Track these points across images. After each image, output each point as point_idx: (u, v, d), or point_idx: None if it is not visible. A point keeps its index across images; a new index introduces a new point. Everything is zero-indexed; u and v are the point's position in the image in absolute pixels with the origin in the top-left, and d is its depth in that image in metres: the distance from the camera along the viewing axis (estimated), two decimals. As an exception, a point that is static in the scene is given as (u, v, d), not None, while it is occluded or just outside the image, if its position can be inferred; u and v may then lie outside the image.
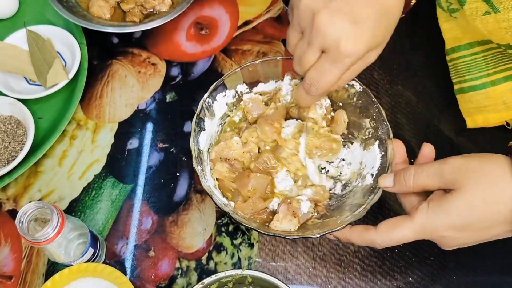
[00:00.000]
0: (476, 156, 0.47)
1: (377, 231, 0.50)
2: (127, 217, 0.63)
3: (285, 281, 0.59)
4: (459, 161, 0.47)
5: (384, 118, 0.57)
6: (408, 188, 0.50)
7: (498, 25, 0.54)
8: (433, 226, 0.47)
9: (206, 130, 0.58)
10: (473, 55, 0.64)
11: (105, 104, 0.71)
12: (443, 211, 0.46)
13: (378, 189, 0.53)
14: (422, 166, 0.49)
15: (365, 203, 0.53)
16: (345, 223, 0.52)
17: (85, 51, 0.71)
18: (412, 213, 0.48)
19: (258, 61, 0.60)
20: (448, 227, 0.46)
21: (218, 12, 0.79)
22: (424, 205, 0.48)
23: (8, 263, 0.60)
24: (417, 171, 0.49)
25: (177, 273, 0.60)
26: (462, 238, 0.47)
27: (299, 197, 0.57)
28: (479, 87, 0.63)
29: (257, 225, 0.54)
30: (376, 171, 0.56)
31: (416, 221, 0.48)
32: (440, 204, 0.47)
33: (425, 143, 0.53)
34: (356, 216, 0.52)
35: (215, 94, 0.60)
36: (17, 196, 0.64)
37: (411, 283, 0.59)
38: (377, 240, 0.49)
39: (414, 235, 0.48)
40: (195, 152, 0.55)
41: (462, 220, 0.46)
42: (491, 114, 0.64)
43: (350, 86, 0.59)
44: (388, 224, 0.49)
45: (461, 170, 0.46)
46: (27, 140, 0.64)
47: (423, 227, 0.47)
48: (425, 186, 0.49)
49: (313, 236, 0.51)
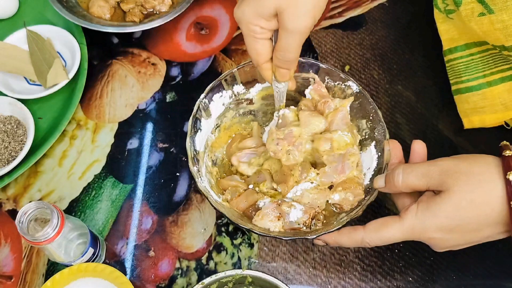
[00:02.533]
0: (465, 158, 0.47)
1: (365, 230, 0.50)
2: (127, 217, 0.63)
3: (285, 281, 0.59)
4: (448, 162, 0.47)
5: (380, 119, 0.57)
6: (397, 187, 0.50)
7: (493, 26, 0.55)
8: (422, 227, 0.47)
9: (202, 130, 0.58)
10: (470, 56, 0.64)
11: (105, 104, 0.71)
12: (431, 212, 0.46)
13: (374, 190, 0.53)
14: (412, 166, 0.49)
15: (361, 204, 0.53)
16: (341, 224, 0.52)
17: (85, 51, 0.71)
18: (401, 214, 0.49)
19: None
20: (436, 229, 0.46)
21: (218, 12, 0.79)
22: (413, 206, 0.48)
23: (8, 263, 0.60)
24: (405, 171, 0.49)
25: (177, 273, 0.60)
26: (451, 239, 0.47)
27: (294, 203, 0.55)
28: (475, 88, 0.63)
29: (252, 226, 0.53)
30: (373, 172, 0.56)
31: (405, 222, 0.48)
32: (428, 206, 0.47)
33: (415, 140, 0.53)
34: (351, 216, 0.52)
35: (212, 95, 0.59)
36: (17, 196, 0.64)
37: (411, 283, 0.59)
38: (365, 239, 0.50)
39: (402, 236, 0.48)
40: (191, 153, 0.55)
41: (450, 221, 0.46)
42: (487, 115, 0.64)
43: (347, 87, 0.60)
44: (377, 223, 0.50)
45: (449, 172, 0.46)
46: (27, 140, 0.64)
47: (411, 228, 0.47)
48: (414, 187, 0.49)
49: (308, 237, 0.51)
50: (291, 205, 0.54)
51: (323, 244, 0.54)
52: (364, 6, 0.79)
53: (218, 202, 0.54)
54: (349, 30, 0.77)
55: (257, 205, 0.56)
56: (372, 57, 0.75)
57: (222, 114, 0.61)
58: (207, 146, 0.60)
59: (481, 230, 0.46)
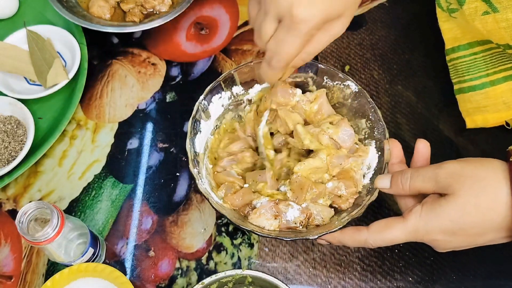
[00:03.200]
0: (472, 161, 0.47)
1: (369, 231, 0.50)
2: (127, 217, 0.63)
3: (285, 281, 0.59)
4: (455, 165, 0.47)
5: (380, 118, 0.57)
6: (404, 191, 0.50)
7: (497, 25, 0.54)
8: (425, 229, 0.47)
9: (202, 132, 0.58)
10: (472, 55, 0.64)
11: (105, 104, 0.71)
12: (436, 215, 0.46)
13: (375, 189, 0.53)
14: (419, 170, 0.49)
15: (361, 204, 0.53)
16: (342, 224, 0.52)
17: (85, 51, 0.71)
18: (405, 215, 0.48)
19: (253, 62, 0.60)
20: (439, 231, 0.46)
21: (218, 12, 0.79)
22: (417, 208, 0.48)
23: (8, 263, 0.60)
24: (413, 175, 0.49)
25: (177, 273, 0.60)
26: (454, 242, 0.47)
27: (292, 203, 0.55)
28: (478, 87, 0.63)
29: (254, 228, 0.53)
30: (373, 171, 0.56)
31: (408, 223, 0.48)
32: (433, 208, 0.47)
33: (419, 139, 0.53)
34: (353, 216, 0.52)
35: (211, 96, 0.59)
36: (17, 196, 0.64)
37: (411, 283, 0.59)
38: (369, 240, 0.50)
39: (406, 237, 0.48)
40: (191, 155, 0.55)
41: (453, 225, 0.45)
42: (490, 114, 0.64)
43: (345, 87, 0.60)
44: (381, 224, 0.49)
45: (455, 175, 0.46)
46: (27, 140, 0.64)
47: (415, 229, 0.47)
48: (421, 190, 0.49)
49: (310, 237, 0.51)
50: (289, 204, 0.54)
51: (326, 243, 0.54)
52: (364, 6, 0.79)
53: (219, 204, 0.54)
54: (349, 30, 0.77)
55: (253, 204, 0.56)
56: (372, 57, 0.75)
57: (221, 115, 0.61)
58: (207, 148, 0.60)
59: (485, 234, 0.46)
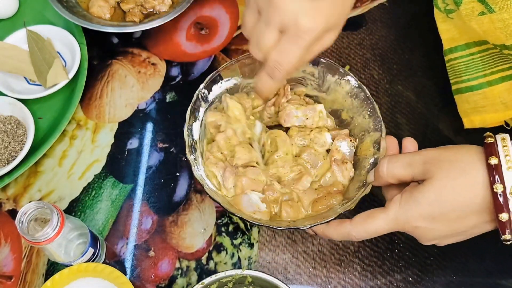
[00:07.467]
0: (450, 147, 0.47)
1: (352, 223, 0.50)
2: (127, 217, 0.63)
3: (285, 281, 0.59)
4: (432, 152, 0.47)
5: (378, 114, 0.57)
6: (383, 178, 0.50)
7: (493, 25, 0.55)
8: (405, 216, 0.47)
9: (200, 119, 0.59)
10: (470, 56, 0.64)
11: (105, 104, 0.71)
12: (414, 201, 0.46)
13: (368, 184, 0.54)
14: (397, 156, 0.50)
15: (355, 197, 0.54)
16: (335, 214, 0.52)
17: (85, 51, 0.71)
18: (386, 205, 0.49)
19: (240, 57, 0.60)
20: (419, 217, 0.46)
21: (218, 12, 0.79)
22: (397, 196, 0.48)
23: (8, 263, 0.60)
24: (390, 161, 0.49)
25: (177, 273, 0.60)
26: (436, 229, 0.47)
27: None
28: (476, 87, 0.63)
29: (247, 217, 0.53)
30: (368, 166, 0.56)
31: (389, 212, 0.48)
32: (411, 195, 0.47)
33: (405, 138, 0.53)
34: (345, 208, 0.53)
35: (211, 85, 0.60)
36: (17, 196, 0.64)
37: (411, 283, 0.59)
38: (352, 232, 0.50)
39: (388, 227, 0.48)
40: (188, 142, 0.55)
41: (433, 209, 0.45)
42: (488, 114, 0.64)
43: (345, 82, 0.60)
44: (363, 216, 0.50)
45: (433, 160, 0.46)
46: (27, 140, 0.64)
47: (395, 218, 0.47)
48: (400, 177, 0.49)
49: (301, 227, 0.51)
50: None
51: (313, 234, 0.54)
52: (364, 6, 0.79)
53: (213, 191, 0.55)
54: (349, 30, 0.77)
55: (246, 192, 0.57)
56: (372, 57, 0.75)
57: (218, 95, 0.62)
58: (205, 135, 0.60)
59: (466, 217, 0.45)
